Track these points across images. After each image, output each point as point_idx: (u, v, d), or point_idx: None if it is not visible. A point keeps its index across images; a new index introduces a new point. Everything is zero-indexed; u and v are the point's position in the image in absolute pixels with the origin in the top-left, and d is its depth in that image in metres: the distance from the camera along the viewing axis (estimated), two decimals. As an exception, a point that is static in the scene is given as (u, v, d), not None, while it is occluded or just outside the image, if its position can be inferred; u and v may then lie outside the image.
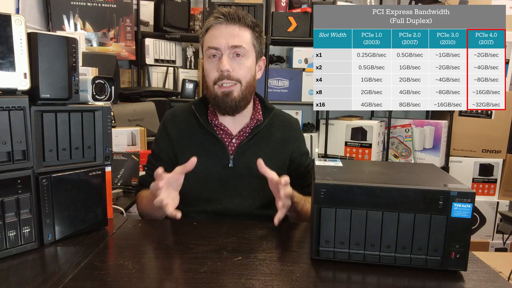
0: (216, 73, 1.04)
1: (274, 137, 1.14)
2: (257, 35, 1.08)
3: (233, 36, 1.03)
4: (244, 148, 1.09)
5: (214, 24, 1.05)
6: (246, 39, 1.05)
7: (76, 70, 0.86)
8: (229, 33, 1.03)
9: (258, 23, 1.09)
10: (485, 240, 2.40)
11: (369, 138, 2.32)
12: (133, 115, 1.94)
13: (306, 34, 2.33)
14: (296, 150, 1.16)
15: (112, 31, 2.24)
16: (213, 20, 1.05)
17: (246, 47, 1.04)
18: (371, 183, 0.74)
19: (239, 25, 1.04)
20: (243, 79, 1.05)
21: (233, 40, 1.03)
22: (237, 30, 1.04)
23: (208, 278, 0.70)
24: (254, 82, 1.10)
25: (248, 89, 1.07)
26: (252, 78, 1.09)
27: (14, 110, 0.76)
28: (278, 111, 1.20)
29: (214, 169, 1.08)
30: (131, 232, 0.94)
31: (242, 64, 1.05)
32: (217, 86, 1.05)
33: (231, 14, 1.04)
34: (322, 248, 0.76)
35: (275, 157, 1.11)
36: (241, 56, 1.04)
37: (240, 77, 1.05)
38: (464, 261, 0.72)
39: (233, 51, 1.03)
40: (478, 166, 2.41)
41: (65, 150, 0.87)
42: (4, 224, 0.77)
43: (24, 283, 0.67)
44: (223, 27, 1.04)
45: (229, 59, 1.03)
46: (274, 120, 1.16)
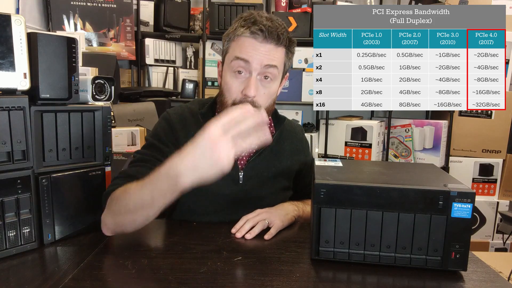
0: (239, 94, 0.93)
1: (283, 149, 1.09)
2: (291, 55, 0.98)
3: (268, 55, 0.91)
4: (254, 163, 1.03)
5: (248, 37, 0.92)
6: (280, 59, 0.94)
7: (76, 70, 0.86)
8: (264, 52, 0.91)
9: (293, 39, 0.98)
10: (485, 240, 2.40)
11: (369, 138, 2.32)
12: (133, 115, 1.95)
13: (306, 34, 2.33)
14: (303, 161, 1.13)
15: (112, 31, 2.24)
16: (248, 33, 0.91)
17: (279, 68, 0.94)
18: (371, 183, 0.74)
19: (276, 44, 0.92)
20: (264, 104, 0.95)
21: (267, 59, 0.91)
22: (273, 49, 0.92)
23: (208, 278, 0.69)
24: (273, 106, 1.01)
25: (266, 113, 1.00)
26: (273, 102, 1.00)
27: (14, 110, 0.76)
28: (287, 120, 1.14)
29: (224, 185, 0.99)
30: (131, 232, 0.93)
31: (268, 88, 0.95)
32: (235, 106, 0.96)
33: (271, 31, 0.90)
34: (322, 248, 0.76)
35: (285, 171, 1.08)
36: (269, 80, 0.94)
37: (262, 103, 0.94)
38: (464, 261, 0.72)
39: (264, 72, 0.92)
40: (478, 166, 2.41)
41: (65, 150, 0.87)
42: (4, 224, 0.77)
43: (24, 283, 0.67)
44: (258, 43, 0.91)
45: (257, 82, 0.92)
46: (283, 130, 1.11)
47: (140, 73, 2.44)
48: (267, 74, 0.93)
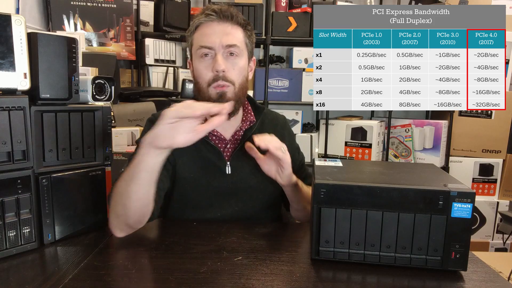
0: (210, 73, 0.98)
1: None
2: (249, 34, 1.03)
3: (226, 35, 0.97)
4: (240, 153, 1.05)
5: (205, 21, 0.99)
6: (239, 38, 1.00)
7: (76, 70, 0.86)
8: (222, 31, 0.97)
9: (249, 21, 1.04)
10: (485, 240, 2.40)
11: (369, 138, 2.32)
12: (133, 115, 1.94)
13: (306, 34, 2.33)
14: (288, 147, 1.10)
15: (112, 31, 2.24)
16: (203, 17, 0.99)
17: (240, 46, 0.99)
18: (371, 183, 0.74)
19: (231, 23, 0.99)
20: (236, 80, 1.00)
21: (227, 39, 0.97)
22: (230, 28, 0.98)
23: (208, 278, 0.70)
24: (247, 83, 1.05)
25: (241, 91, 1.02)
26: (245, 79, 1.03)
27: (14, 110, 0.76)
28: (267, 110, 1.17)
29: (213, 177, 1.04)
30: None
31: (236, 64, 0.99)
32: (212, 88, 0.98)
33: (223, 11, 0.98)
34: (322, 248, 0.76)
35: None
36: (235, 56, 0.99)
37: (234, 79, 0.99)
38: (464, 261, 0.72)
39: (227, 50, 0.97)
40: (478, 166, 2.41)
41: (65, 150, 0.87)
42: (4, 224, 0.77)
43: (24, 283, 0.67)
44: (215, 25, 0.98)
45: (223, 58, 0.97)
46: (264, 120, 1.13)
47: (140, 73, 2.44)
48: (231, 51, 0.98)
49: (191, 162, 1.03)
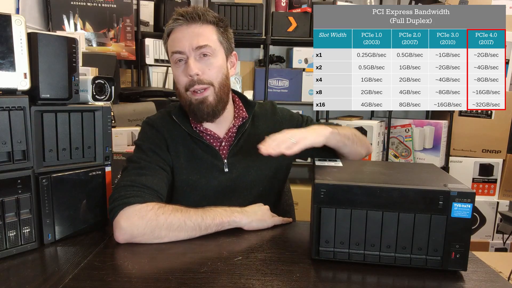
0: (185, 78, 0.98)
1: (259, 131, 1.09)
2: (222, 30, 1.02)
3: (196, 36, 0.97)
4: (236, 150, 1.06)
5: (174, 27, 0.99)
6: (211, 37, 0.98)
7: (76, 70, 0.86)
8: (191, 34, 0.97)
9: (221, 17, 1.03)
10: (485, 240, 2.40)
11: (369, 138, 2.32)
12: (133, 115, 1.94)
13: (306, 34, 2.33)
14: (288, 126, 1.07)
15: (112, 31, 2.24)
16: (172, 22, 0.99)
17: (213, 46, 0.98)
18: (371, 183, 0.74)
19: (200, 23, 0.98)
20: (215, 80, 0.99)
21: (197, 41, 0.96)
22: (199, 29, 0.97)
23: (208, 278, 0.70)
24: (227, 81, 1.04)
25: (223, 90, 1.01)
26: (225, 77, 1.02)
27: (14, 110, 0.77)
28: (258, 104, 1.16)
29: (211, 176, 1.04)
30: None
31: (211, 64, 0.98)
32: (189, 93, 0.99)
33: (189, 13, 0.97)
34: (322, 248, 0.76)
35: None
36: (209, 56, 0.98)
37: (212, 79, 0.99)
38: (464, 261, 0.72)
39: (199, 52, 0.97)
40: (478, 166, 2.41)
41: (65, 150, 0.87)
42: (4, 224, 0.77)
43: (24, 283, 0.67)
44: (184, 29, 0.98)
45: (196, 61, 0.97)
46: (255, 114, 1.12)
47: (140, 73, 2.44)
48: (204, 52, 0.98)
49: (188, 164, 1.03)
